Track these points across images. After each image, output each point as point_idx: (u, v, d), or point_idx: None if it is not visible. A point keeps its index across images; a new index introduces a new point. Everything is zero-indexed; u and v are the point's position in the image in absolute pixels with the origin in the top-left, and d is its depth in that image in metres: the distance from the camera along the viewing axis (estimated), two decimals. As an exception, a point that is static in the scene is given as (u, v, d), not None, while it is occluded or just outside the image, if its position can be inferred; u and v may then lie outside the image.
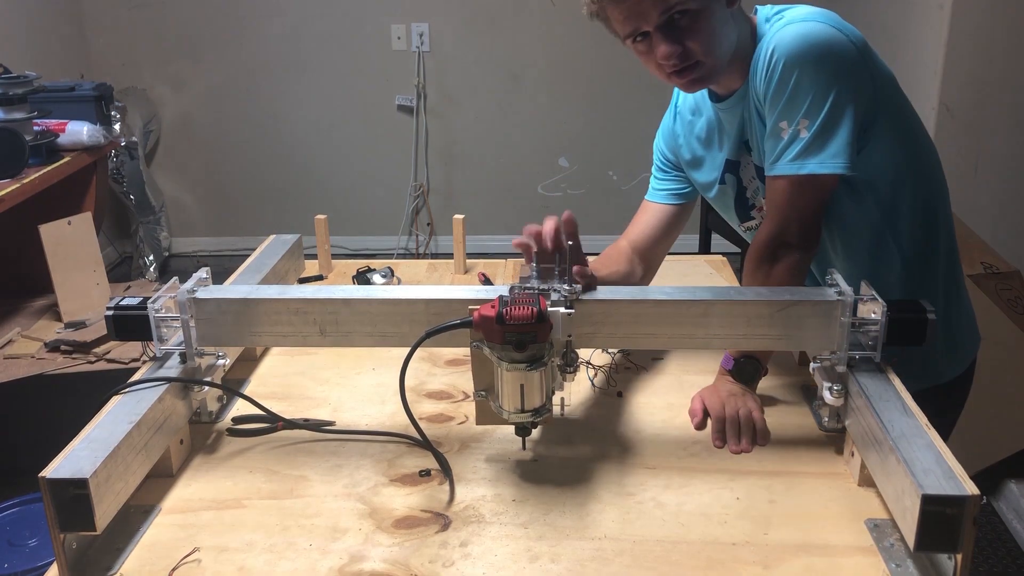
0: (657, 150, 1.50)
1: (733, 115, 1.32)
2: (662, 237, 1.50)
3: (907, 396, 1.08)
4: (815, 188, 1.21)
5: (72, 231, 2.56)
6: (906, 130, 1.29)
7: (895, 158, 1.26)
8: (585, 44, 4.19)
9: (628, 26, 1.20)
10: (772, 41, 1.19)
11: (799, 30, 1.17)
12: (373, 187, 4.50)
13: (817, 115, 1.17)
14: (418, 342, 1.10)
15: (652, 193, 1.51)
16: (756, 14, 1.28)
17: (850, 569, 0.96)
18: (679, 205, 1.50)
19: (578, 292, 1.13)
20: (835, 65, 1.17)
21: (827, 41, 1.17)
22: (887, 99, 1.24)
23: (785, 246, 1.24)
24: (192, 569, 0.98)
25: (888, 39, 3.44)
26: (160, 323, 1.17)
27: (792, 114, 1.19)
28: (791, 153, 1.20)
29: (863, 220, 1.29)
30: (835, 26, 1.18)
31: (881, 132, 1.23)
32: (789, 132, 1.19)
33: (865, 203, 1.28)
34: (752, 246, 1.29)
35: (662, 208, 1.50)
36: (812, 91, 1.17)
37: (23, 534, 1.96)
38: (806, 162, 1.19)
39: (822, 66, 1.16)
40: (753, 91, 1.24)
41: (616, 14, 1.20)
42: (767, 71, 1.19)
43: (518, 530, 1.03)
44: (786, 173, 1.21)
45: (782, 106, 1.19)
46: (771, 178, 1.24)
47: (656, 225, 1.50)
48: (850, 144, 1.18)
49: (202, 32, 4.30)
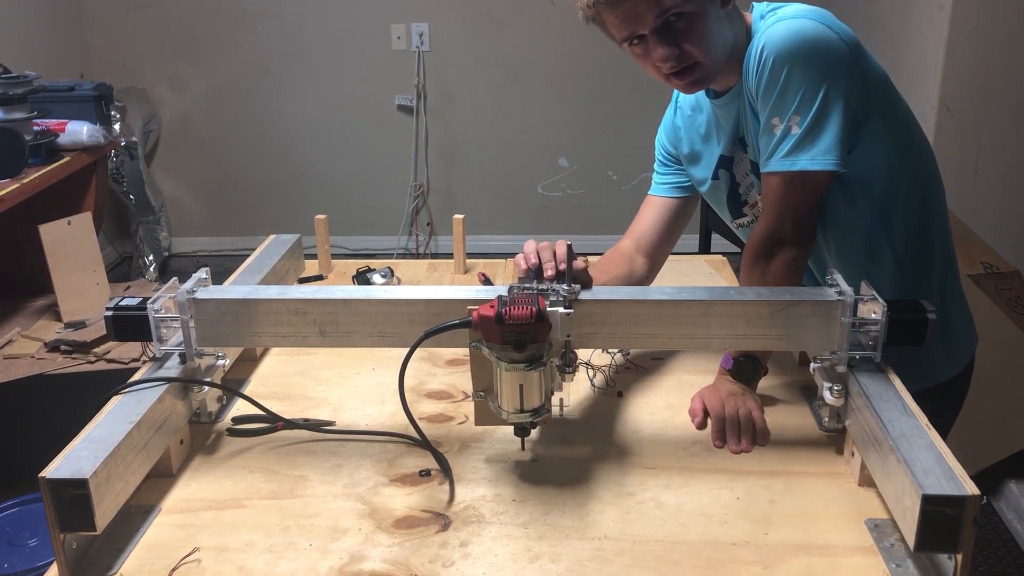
0: (659, 144, 1.50)
1: (729, 111, 1.32)
2: (666, 232, 1.49)
3: (907, 396, 1.08)
4: (808, 184, 1.21)
5: (72, 231, 2.56)
6: (900, 130, 1.29)
7: (888, 158, 1.27)
8: (585, 44, 4.18)
9: (624, 30, 1.21)
10: (763, 38, 1.19)
11: (790, 27, 1.18)
12: (373, 187, 4.50)
13: (808, 111, 1.18)
14: (417, 342, 1.10)
15: (655, 187, 1.51)
16: (751, 11, 1.29)
17: (850, 569, 0.96)
18: (682, 199, 1.49)
19: (577, 292, 1.13)
20: (824, 62, 1.17)
21: (817, 38, 1.17)
22: (880, 98, 1.24)
23: (781, 243, 1.24)
24: (192, 569, 0.98)
25: (888, 39, 3.44)
26: (160, 323, 1.17)
27: (783, 110, 1.19)
28: (783, 149, 1.20)
29: (857, 220, 1.30)
30: (826, 24, 1.19)
31: (874, 131, 1.24)
32: (781, 128, 1.20)
33: (858, 203, 1.28)
34: (748, 243, 1.29)
35: (665, 202, 1.49)
36: (802, 87, 1.17)
37: (23, 534, 1.96)
38: (798, 158, 1.20)
39: (811, 62, 1.17)
40: (747, 88, 1.25)
41: (612, 19, 1.20)
42: (758, 67, 1.20)
43: (518, 530, 1.03)
44: (779, 170, 1.21)
45: (773, 102, 1.20)
46: (765, 175, 1.24)
47: (660, 220, 1.49)
48: (840, 141, 1.18)
49: (202, 32, 4.30)
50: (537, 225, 4.41)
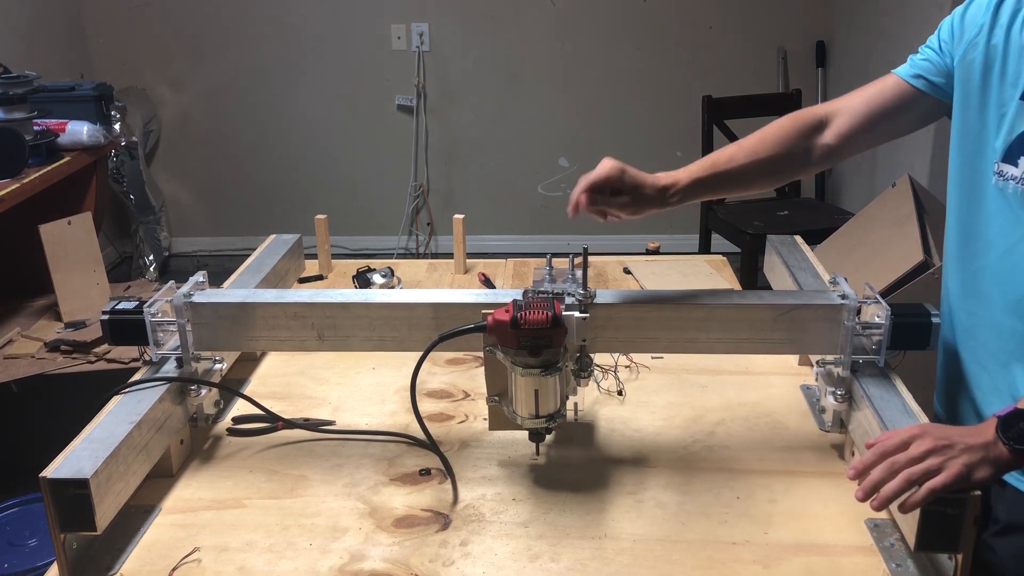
0: (949, 28, 1.19)
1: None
2: (876, 118, 1.23)
3: (909, 397, 1.08)
4: None
5: (72, 231, 2.56)
6: None
7: None
8: (585, 44, 4.19)
9: None
10: None
11: None
12: (373, 187, 4.49)
13: None
14: (431, 346, 1.09)
15: (904, 66, 1.24)
16: None
17: (850, 569, 0.96)
18: (921, 94, 1.21)
19: (593, 295, 1.12)
20: None
21: None
22: None
23: None
24: (192, 569, 0.98)
25: (888, 39, 3.44)
26: (156, 328, 1.17)
27: None
28: None
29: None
30: None
31: None
32: None
33: None
34: None
35: (902, 85, 1.22)
36: None
37: (23, 534, 1.96)
38: None
39: None
40: None
41: None
42: None
43: (518, 529, 1.03)
44: None
45: None
46: None
47: (880, 101, 1.23)
48: None
49: (202, 32, 4.29)
50: (537, 225, 4.41)
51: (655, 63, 4.17)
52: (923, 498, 0.88)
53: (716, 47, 4.14)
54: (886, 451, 0.92)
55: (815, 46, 4.09)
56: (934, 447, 0.91)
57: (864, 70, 3.56)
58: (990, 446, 0.92)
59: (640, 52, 4.17)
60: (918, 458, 0.90)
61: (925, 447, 0.91)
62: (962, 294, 1.20)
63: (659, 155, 3.92)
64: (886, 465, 0.91)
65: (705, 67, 4.14)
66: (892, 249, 2.27)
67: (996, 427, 0.93)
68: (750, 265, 3.08)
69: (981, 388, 1.18)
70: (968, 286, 1.18)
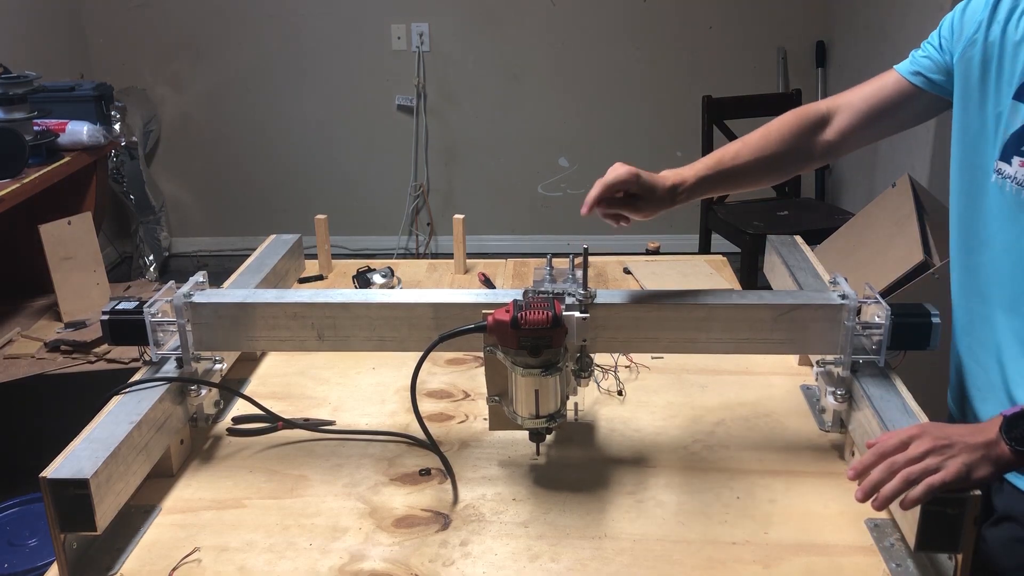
0: (950, 26, 1.19)
1: None
2: (876, 114, 1.24)
3: (909, 397, 1.08)
4: None
5: (72, 231, 2.56)
6: None
7: None
8: (585, 44, 4.19)
9: None
10: None
11: None
12: (373, 187, 4.49)
13: None
14: (431, 346, 1.09)
15: (905, 63, 1.25)
16: None
17: (850, 569, 0.96)
18: (919, 91, 1.22)
19: (593, 296, 1.12)
20: None
21: None
22: None
23: None
24: (192, 569, 0.98)
25: (888, 39, 3.44)
26: (156, 328, 1.17)
27: None
28: None
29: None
30: None
31: None
32: None
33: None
34: None
35: (902, 83, 1.23)
36: None
37: (23, 534, 1.96)
38: None
39: None
40: None
41: None
42: None
43: (518, 529, 1.03)
44: None
45: None
46: None
47: (881, 97, 1.24)
48: None
49: (202, 32, 4.29)
50: (537, 225, 4.41)
51: (655, 63, 4.17)
52: (922, 494, 0.88)
53: (716, 47, 4.14)
54: (885, 451, 0.93)
55: (815, 46, 4.09)
56: (933, 447, 0.91)
57: (864, 70, 3.56)
58: (991, 445, 0.92)
59: (640, 52, 4.17)
60: (917, 458, 0.91)
61: (924, 447, 0.91)
62: (962, 291, 1.20)
63: (659, 155, 3.92)
64: (885, 465, 0.91)
65: (705, 67, 4.14)
66: (892, 249, 2.27)
67: (1000, 426, 0.93)
68: (750, 265, 3.08)
69: (978, 386, 1.18)
70: (967, 283, 1.19)
